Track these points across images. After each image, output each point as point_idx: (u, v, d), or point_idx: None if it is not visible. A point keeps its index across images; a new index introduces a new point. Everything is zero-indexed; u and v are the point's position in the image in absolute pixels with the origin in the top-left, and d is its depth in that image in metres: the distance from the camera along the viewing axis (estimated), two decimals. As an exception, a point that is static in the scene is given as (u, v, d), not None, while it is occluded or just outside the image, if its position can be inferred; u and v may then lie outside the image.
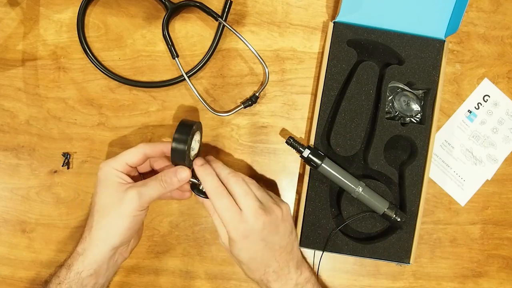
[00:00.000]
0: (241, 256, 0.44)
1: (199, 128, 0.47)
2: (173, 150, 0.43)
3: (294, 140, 0.51)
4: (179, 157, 0.44)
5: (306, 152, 0.50)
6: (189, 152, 0.45)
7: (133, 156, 0.45)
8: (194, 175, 0.46)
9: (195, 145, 0.46)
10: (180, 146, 0.43)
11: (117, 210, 0.43)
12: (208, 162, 0.47)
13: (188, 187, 0.48)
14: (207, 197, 0.46)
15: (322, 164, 0.50)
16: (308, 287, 0.47)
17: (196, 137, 0.47)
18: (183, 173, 0.44)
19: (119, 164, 0.45)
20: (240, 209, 0.43)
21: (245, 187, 0.44)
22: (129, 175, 0.46)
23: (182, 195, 0.49)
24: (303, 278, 0.46)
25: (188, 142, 0.43)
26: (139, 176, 0.50)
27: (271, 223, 0.43)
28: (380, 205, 0.51)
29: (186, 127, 0.44)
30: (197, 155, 0.48)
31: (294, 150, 0.51)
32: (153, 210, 0.55)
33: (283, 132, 0.56)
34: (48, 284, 0.44)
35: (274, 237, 0.44)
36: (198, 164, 0.45)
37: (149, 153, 0.46)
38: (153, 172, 0.50)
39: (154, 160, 0.49)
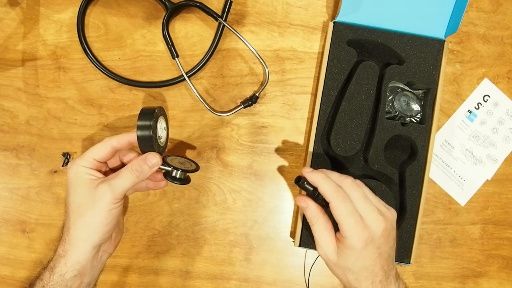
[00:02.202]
0: (355, 265, 0.42)
1: (162, 113, 0.46)
2: (139, 138, 0.42)
3: (306, 182, 0.45)
4: (146, 145, 0.43)
5: (315, 192, 0.45)
6: (156, 137, 0.44)
7: (100, 151, 0.44)
8: (165, 162, 0.45)
9: (162, 133, 0.45)
10: (146, 133, 0.42)
11: (91, 207, 0.42)
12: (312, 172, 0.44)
13: (161, 176, 0.47)
14: (181, 183, 0.45)
15: None
16: None
17: (162, 124, 0.46)
18: (153, 159, 0.43)
19: (87, 161, 0.44)
20: (360, 215, 0.41)
21: (361, 191, 0.42)
22: (99, 171, 0.45)
23: (157, 185, 0.49)
24: None
25: (152, 127, 0.42)
26: (110, 172, 0.48)
27: (386, 229, 0.42)
28: None
29: (148, 113, 0.43)
30: (166, 144, 0.47)
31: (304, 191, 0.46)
32: (153, 210, 0.56)
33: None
34: (32, 287, 0.43)
35: (386, 245, 0.42)
36: (307, 171, 0.44)
37: (116, 145, 0.45)
38: (123, 166, 0.48)
39: (123, 153, 0.48)
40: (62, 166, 0.55)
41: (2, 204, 0.55)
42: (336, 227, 0.43)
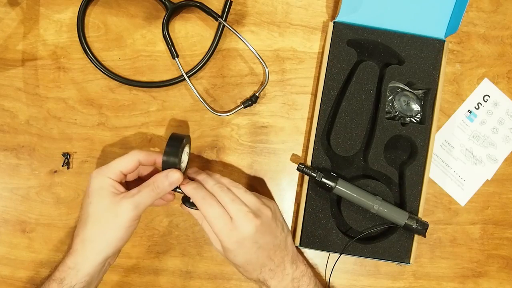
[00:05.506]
0: (237, 260, 0.45)
1: (189, 141, 0.48)
2: (164, 162, 0.43)
3: (305, 166, 0.50)
4: (169, 168, 0.44)
5: (319, 176, 0.50)
6: (180, 163, 0.45)
7: (127, 163, 0.44)
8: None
9: (184, 158, 0.47)
10: (172, 159, 0.43)
11: (112, 223, 0.42)
12: (193, 174, 0.47)
13: (170, 195, 0.48)
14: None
15: (337, 186, 0.50)
16: (304, 280, 0.47)
17: (186, 149, 0.47)
18: (174, 175, 0.43)
19: (113, 173, 0.44)
20: (231, 217, 0.43)
21: (230, 194, 0.44)
22: (120, 183, 0.45)
23: (164, 202, 0.49)
24: (298, 272, 0.47)
25: (179, 155, 0.44)
26: (125, 184, 0.48)
27: (263, 224, 0.44)
28: (400, 217, 0.50)
29: (177, 141, 0.44)
30: (186, 166, 0.48)
31: (306, 175, 0.51)
32: (153, 210, 0.55)
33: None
34: None
35: (267, 237, 0.45)
36: (184, 183, 0.45)
37: (142, 160, 0.45)
38: (139, 179, 0.49)
39: (142, 168, 0.48)
40: (62, 166, 0.55)
41: (2, 204, 0.55)
42: None
